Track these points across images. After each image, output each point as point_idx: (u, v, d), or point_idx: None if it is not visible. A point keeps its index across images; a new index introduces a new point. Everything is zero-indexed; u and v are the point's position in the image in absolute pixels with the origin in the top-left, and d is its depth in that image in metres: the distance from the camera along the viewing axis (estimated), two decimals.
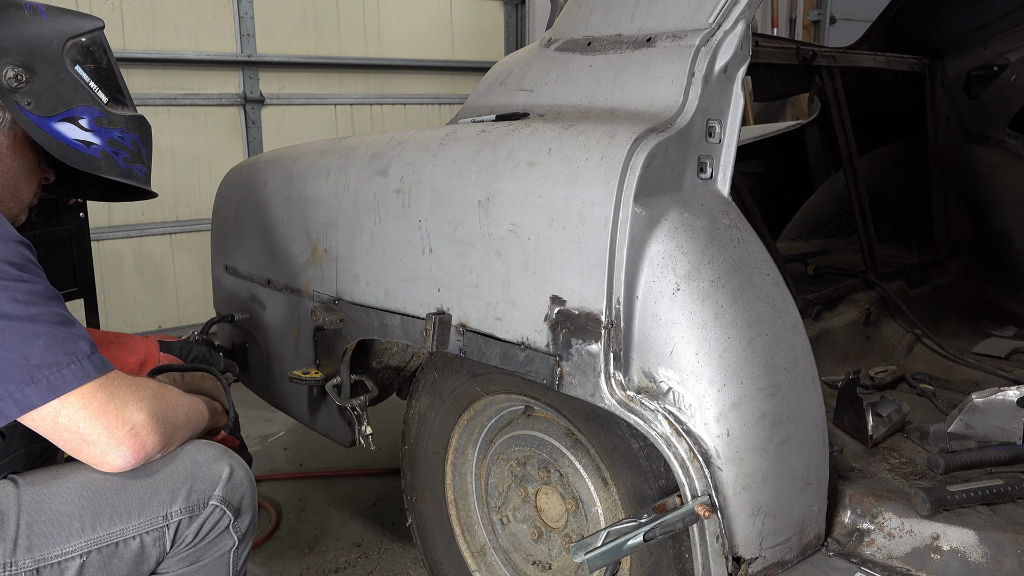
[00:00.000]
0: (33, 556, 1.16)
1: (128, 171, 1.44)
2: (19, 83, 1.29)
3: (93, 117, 1.38)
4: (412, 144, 1.63)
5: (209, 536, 1.30)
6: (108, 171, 1.40)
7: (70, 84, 1.36)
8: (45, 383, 1.09)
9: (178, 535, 1.27)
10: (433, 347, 1.52)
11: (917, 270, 2.38)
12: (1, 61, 1.28)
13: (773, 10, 6.91)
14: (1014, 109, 2.49)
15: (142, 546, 1.23)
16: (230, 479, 1.31)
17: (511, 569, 1.76)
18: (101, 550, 1.20)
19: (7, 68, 1.28)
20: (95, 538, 1.20)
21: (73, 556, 1.18)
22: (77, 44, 1.39)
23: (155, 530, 1.24)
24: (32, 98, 1.31)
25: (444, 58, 5.01)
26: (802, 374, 1.29)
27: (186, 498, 1.26)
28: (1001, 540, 1.25)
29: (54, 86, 1.34)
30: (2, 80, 1.28)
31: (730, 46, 1.34)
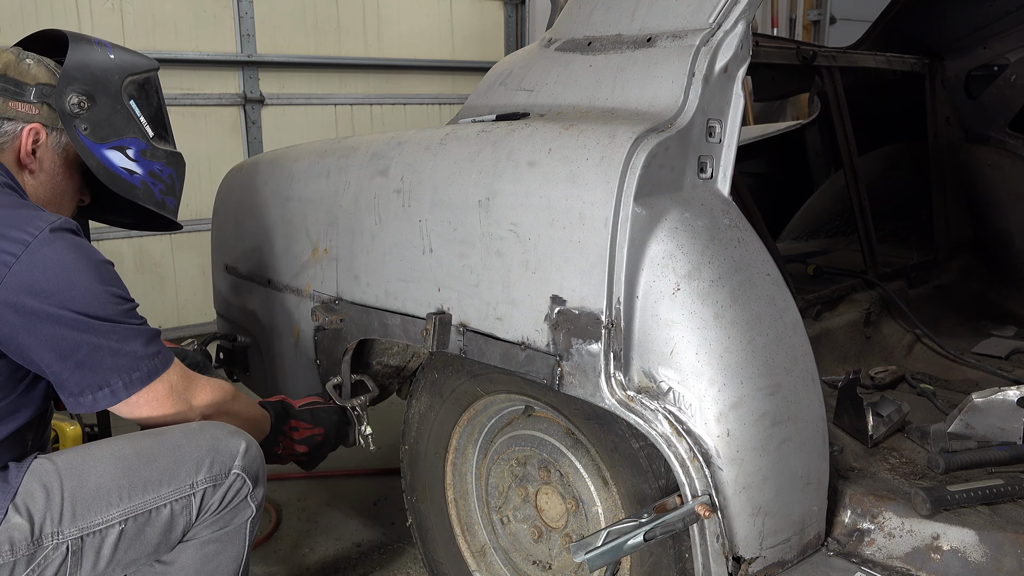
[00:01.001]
0: (78, 525, 1.26)
1: (162, 202, 1.58)
2: (80, 110, 1.44)
3: (139, 148, 1.53)
4: (412, 144, 1.63)
5: (232, 504, 1.41)
6: (145, 199, 1.54)
7: (124, 116, 1.51)
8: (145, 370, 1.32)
9: (204, 503, 1.37)
10: (433, 347, 1.52)
11: (917, 270, 2.38)
12: (68, 88, 1.43)
13: (773, 10, 6.91)
14: (1014, 109, 2.49)
15: (172, 514, 1.34)
16: (247, 452, 1.42)
17: (511, 569, 1.76)
18: (137, 518, 1.30)
19: (72, 95, 1.43)
20: (131, 506, 1.30)
21: (113, 524, 1.28)
22: (135, 81, 1.54)
23: (183, 498, 1.34)
24: (89, 124, 1.45)
25: (444, 58, 5.01)
26: (802, 374, 1.29)
27: (209, 468, 1.36)
28: (1001, 540, 1.26)
29: (110, 116, 1.48)
30: (66, 105, 1.42)
31: (730, 46, 1.34)
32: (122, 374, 1.29)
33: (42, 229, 1.25)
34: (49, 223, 1.26)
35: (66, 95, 1.43)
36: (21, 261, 1.22)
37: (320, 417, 1.76)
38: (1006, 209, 2.51)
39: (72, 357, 1.26)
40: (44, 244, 1.24)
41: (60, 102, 1.42)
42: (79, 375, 1.27)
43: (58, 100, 1.42)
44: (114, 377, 1.29)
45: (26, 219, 1.26)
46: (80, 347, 1.25)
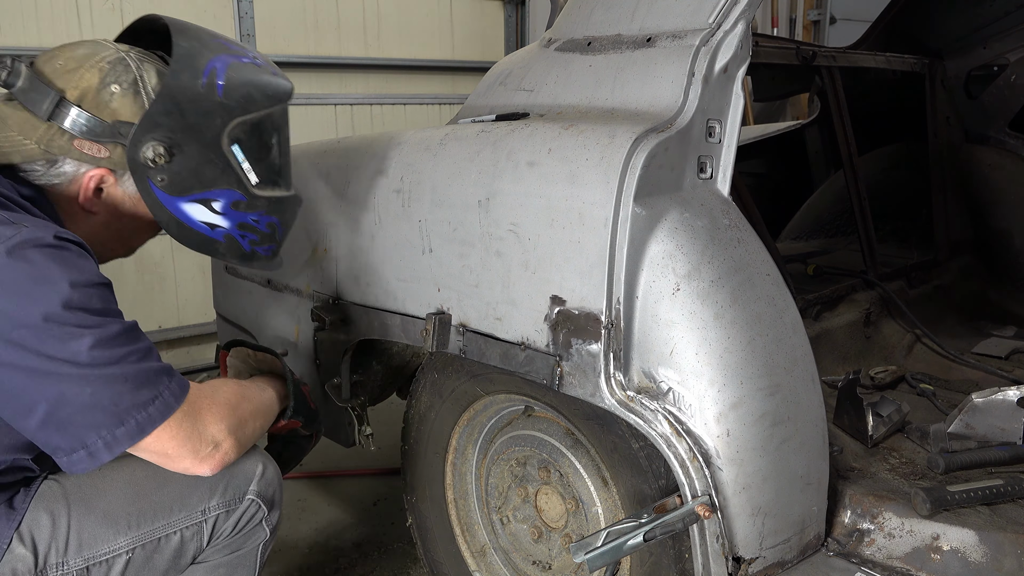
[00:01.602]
0: (83, 555, 1.19)
1: (251, 253, 1.36)
2: (156, 165, 1.20)
3: (231, 201, 1.28)
4: (412, 144, 1.63)
5: (246, 529, 1.35)
6: (226, 254, 1.33)
7: (218, 166, 1.25)
8: (134, 424, 1.09)
9: (216, 529, 1.31)
10: (433, 347, 1.52)
11: (917, 270, 2.38)
12: (147, 136, 1.18)
13: (773, 10, 6.91)
14: (1014, 109, 2.49)
15: (182, 540, 1.27)
16: (263, 475, 1.35)
17: (511, 569, 1.76)
18: (145, 546, 1.24)
19: (150, 146, 1.18)
20: (140, 534, 1.23)
21: (120, 553, 1.21)
22: (246, 123, 1.27)
23: (194, 524, 1.28)
24: (167, 176, 1.21)
25: (444, 58, 5.01)
26: (802, 374, 1.29)
27: (223, 493, 1.30)
28: (1001, 540, 1.25)
29: (198, 168, 1.23)
30: (140, 156, 1.19)
31: (730, 46, 1.34)
32: (102, 431, 1.07)
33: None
34: (4, 240, 1.03)
35: (143, 144, 1.18)
36: None
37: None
38: (1006, 209, 2.50)
39: (31, 415, 1.04)
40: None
41: (134, 151, 1.18)
42: (44, 435, 1.06)
43: (132, 148, 1.18)
44: (91, 436, 1.07)
45: None
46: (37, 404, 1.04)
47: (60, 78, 1.18)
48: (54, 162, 1.19)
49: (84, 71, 1.19)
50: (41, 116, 1.16)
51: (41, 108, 1.16)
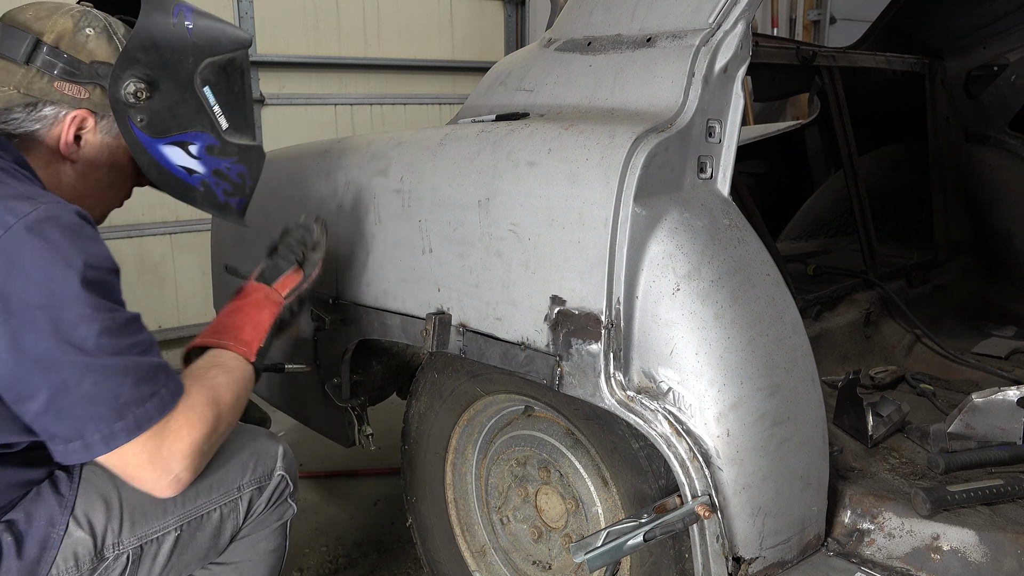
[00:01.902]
0: (136, 534, 1.23)
1: (224, 204, 1.36)
2: (137, 100, 1.20)
3: (205, 144, 1.30)
4: (412, 144, 1.63)
5: (278, 504, 1.41)
6: (203, 202, 1.33)
7: (192, 107, 1.27)
8: (132, 420, 1.07)
9: (252, 505, 1.36)
10: (433, 347, 1.52)
11: (917, 270, 2.38)
12: (126, 72, 1.19)
13: (773, 10, 6.91)
14: (1014, 109, 2.49)
15: (221, 518, 1.32)
16: (285, 455, 1.42)
17: (511, 569, 1.76)
18: (191, 523, 1.28)
19: (130, 82, 1.19)
20: (186, 512, 1.27)
21: (170, 530, 1.26)
22: (214, 64, 1.29)
23: (231, 501, 1.33)
24: (147, 116, 1.22)
25: (444, 58, 5.01)
26: (802, 374, 1.29)
27: (253, 470, 1.36)
28: (1001, 540, 1.25)
29: (174, 107, 1.25)
30: (121, 93, 1.19)
31: (730, 46, 1.34)
32: (100, 424, 1.05)
33: (10, 226, 1.00)
34: (23, 216, 1.01)
35: (122, 81, 1.18)
36: None
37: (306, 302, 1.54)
38: (1006, 209, 2.50)
39: (32, 401, 1.03)
40: (11, 246, 1.00)
41: (114, 89, 1.19)
42: (42, 422, 1.05)
43: (112, 86, 1.18)
44: (89, 427, 1.05)
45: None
46: (39, 391, 1.02)
47: (34, 24, 1.19)
48: (34, 106, 1.18)
49: (57, 17, 1.20)
50: (19, 60, 1.17)
51: (19, 52, 1.17)
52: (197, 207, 1.34)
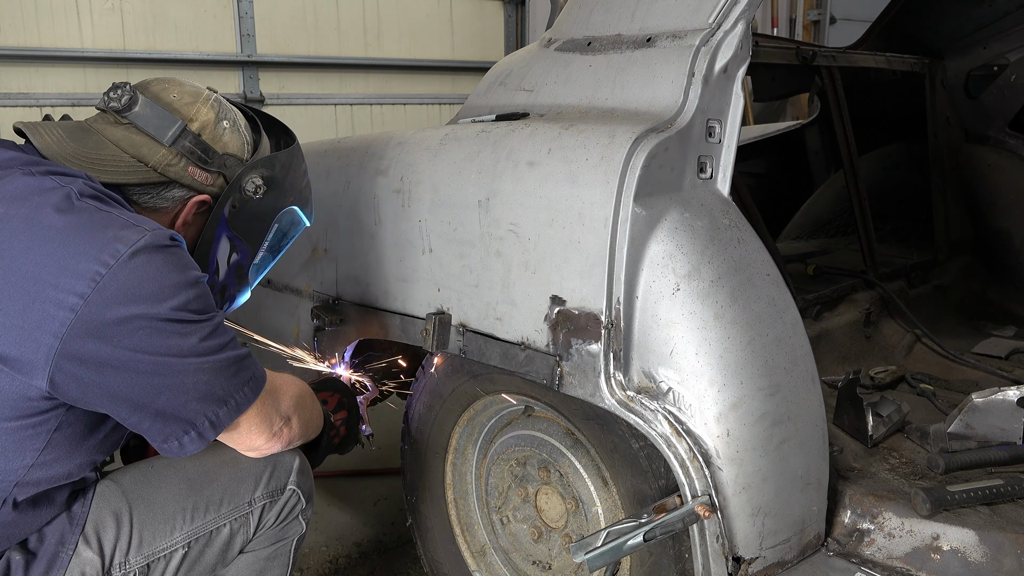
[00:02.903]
0: (143, 552, 1.23)
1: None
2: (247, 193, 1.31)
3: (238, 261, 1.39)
4: (412, 144, 1.63)
5: (287, 520, 1.40)
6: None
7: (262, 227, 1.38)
8: (234, 403, 1.17)
9: (262, 519, 1.35)
10: (433, 347, 1.52)
11: (917, 270, 2.38)
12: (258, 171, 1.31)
13: (773, 10, 6.91)
14: (1014, 109, 2.49)
15: (231, 532, 1.32)
16: (301, 468, 1.40)
17: (511, 569, 1.76)
18: (199, 539, 1.28)
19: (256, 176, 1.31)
20: (194, 528, 1.28)
21: (177, 548, 1.26)
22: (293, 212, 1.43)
23: (242, 516, 1.32)
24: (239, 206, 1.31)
25: (444, 58, 5.01)
26: (802, 374, 1.29)
27: (267, 483, 1.35)
28: (1001, 540, 1.25)
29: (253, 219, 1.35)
30: (244, 183, 1.29)
31: (730, 46, 1.34)
32: (208, 413, 1.14)
33: (121, 255, 1.05)
34: (132, 244, 1.06)
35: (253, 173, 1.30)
36: (90, 303, 1.02)
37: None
38: (1006, 209, 2.50)
39: (150, 406, 1.10)
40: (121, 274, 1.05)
41: (241, 177, 1.29)
42: (160, 424, 1.12)
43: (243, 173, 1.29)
44: (200, 418, 1.14)
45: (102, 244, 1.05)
46: (160, 394, 1.10)
47: (182, 109, 1.25)
48: (165, 185, 1.24)
49: (201, 105, 1.27)
50: (165, 141, 1.22)
51: (166, 134, 1.22)
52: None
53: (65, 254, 1.04)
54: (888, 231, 2.66)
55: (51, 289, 1.02)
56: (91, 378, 1.05)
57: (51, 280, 1.03)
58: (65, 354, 1.03)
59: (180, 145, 1.23)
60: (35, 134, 1.21)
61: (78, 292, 1.02)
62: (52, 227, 1.06)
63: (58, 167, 1.16)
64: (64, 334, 1.02)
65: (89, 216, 1.08)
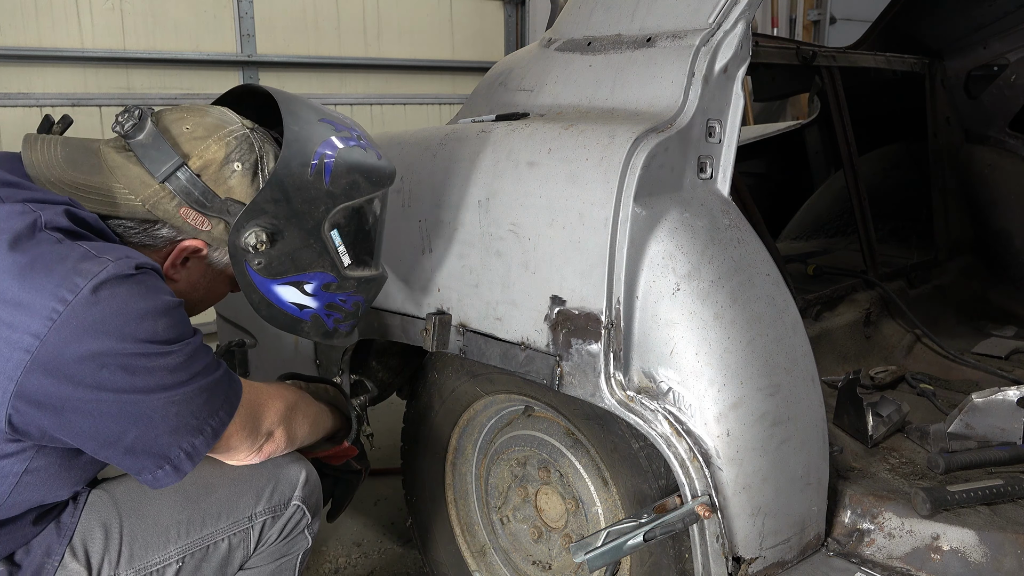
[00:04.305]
0: (134, 566, 1.18)
1: (333, 331, 1.33)
2: (256, 250, 1.17)
3: (322, 283, 1.26)
4: (412, 144, 1.63)
5: (291, 536, 1.34)
6: (310, 332, 1.30)
7: (315, 251, 1.23)
8: (210, 431, 1.11)
9: (263, 535, 1.30)
10: (433, 347, 1.52)
11: (917, 270, 2.38)
12: (251, 223, 1.15)
13: (773, 10, 6.91)
14: (1014, 109, 2.49)
15: (229, 548, 1.27)
16: (307, 481, 1.34)
17: (511, 569, 1.76)
18: (195, 554, 1.23)
19: (253, 232, 1.15)
20: (190, 542, 1.23)
21: (170, 562, 1.21)
22: (348, 208, 1.24)
23: (241, 531, 1.27)
24: (265, 260, 1.19)
25: (444, 58, 5.01)
26: (802, 374, 1.29)
27: (269, 498, 1.29)
28: (1001, 540, 1.25)
29: (296, 253, 1.21)
30: (241, 241, 1.16)
31: (730, 46, 1.34)
32: (183, 445, 1.08)
33: (79, 291, 0.98)
34: (92, 276, 0.99)
35: (246, 231, 1.15)
36: (46, 342, 0.96)
37: None
38: (1006, 209, 2.50)
39: (119, 444, 1.04)
40: (80, 312, 0.97)
41: (235, 236, 1.15)
42: (131, 459, 1.06)
43: (234, 234, 1.15)
44: (174, 451, 1.07)
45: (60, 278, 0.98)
46: (127, 432, 1.03)
47: (186, 143, 1.15)
48: (153, 223, 1.15)
49: (212, 142, 1.16)
50: (156, 176, 1.13)
51: (159, 169, 1.12)
52: (303, 336, 1.32)
53: (20, 290, 0.97)
54: (888, 231, 2.66)
55: (5, 329, 0.96)
56: (51, 420, 0.99)
57: (5, 319, 0.96)
58: (21, 396, 0.97)
59: (174, 183, 1.13)
60: (30, 150, 1.14)
61: (33, 332, 0.95)
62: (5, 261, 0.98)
63: (39, 192, 1.08)
64: (19, 376, 0.96)
65: (47, 248, 1.00)
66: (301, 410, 1.33)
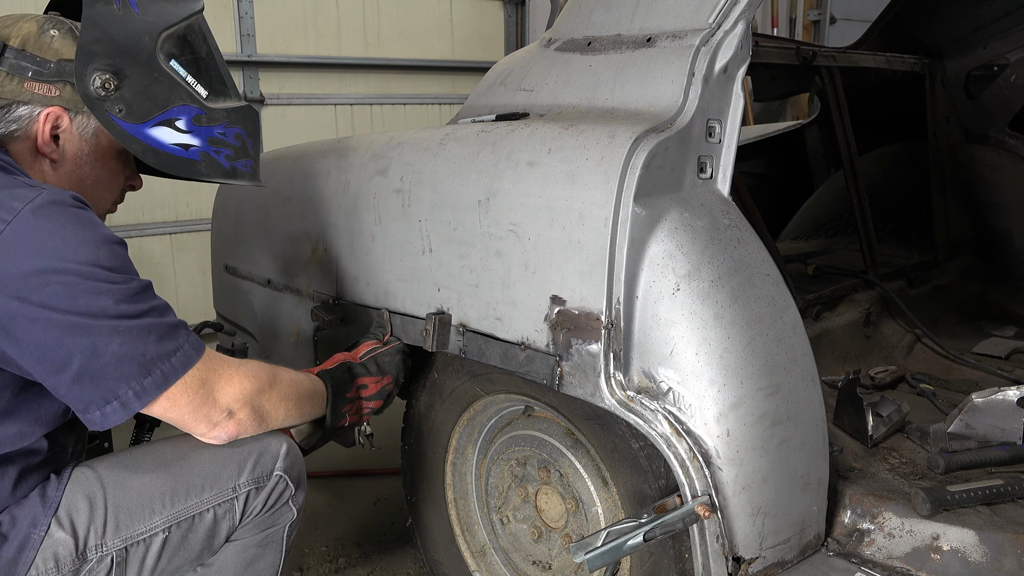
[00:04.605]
0: (121, 535, 1.21)
1: (232, 170, 1.36)
2: (108, 91, 1.21)
3: (191, 116, 1.29)
4: (412, 144, 1.63)
5: (276, 506, 1.36)
6: (210, 173, 1.34)
7: (165, 83, 1.26)
8: (159, 373, 1.13)
9: (247, 506, 1.32)
10: (433, 347, 1.52)
11: (917, 270, 2.38)
12: (88, 67, 1.20)
13: (773, 10, 6.91)
14: (1014, 109, 2.49)
15: (215, 518, 1.29)
16: (288, 453, 1.36)
17: (511, 569, 1.76)
18: (180, 524, 1.26)
19: (95, 76, 1.20)
20: (175, 512, 1.25)
21: (157, 532, 1.23)
22: (172, 36, 1.28)
23: (226, 502, 1.30)
24: (123, 104, 1.22)
25: (444, 58, 5.01)
26: (802, 374, 1.29)
27: (252, 470, 1.31)
28: (1001, 540, 1.25)
29: (147, 88, 1.25)
30: (90, 89, 1.20)
31: (730, 46, 1.34)
32: (131, 382, 1.10)
33: (17, 212, 1.05)
34: (29, 201, 1.06)
35: (88, 77, 1.19)
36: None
37: (386, 363, 1.57)
38: (1006, 209, 2.51)
39: (66, 370, 1.07)
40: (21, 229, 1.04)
41: (83, 86, 1.20)
42: (78, 389, 1.09)
43: (80, 84, 1.20)
44: (122, 387, 1.10)
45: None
46: (73, 357, 1.07)
47: (1, 31, 1.22)
48: (7, 108, 1.21)
49: (22, 23, 1.23)
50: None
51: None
52: (207, 180, 1.35)
53: None
54: (888, 231, 2.66)
55: None
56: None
57: None
58: None
59: (6, 64, 1.19)
60: None
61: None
62: None
63: None
64: None
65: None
66: (278, 391, 1.32)
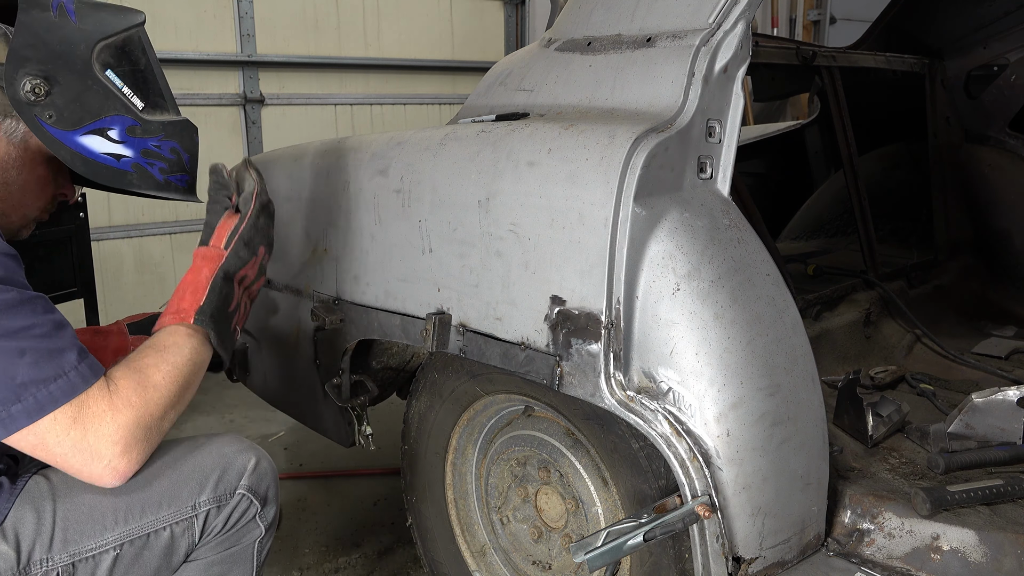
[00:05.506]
0: (68, 551, 1.16)
1: (165, 183, 1.33)
2: (38, 96, 1.19)
3: (125, 127, 1.27)
4: (412, 144, 1.63)
5: (237, 525, 1.31)
6: (141, 185, 1.30)
7: (99, 92, 1.25)
8: (32, 401, 1.05)
9: (207, 525, 1.28)
10: (433, 347, 1.52)
11: (917, 270, 2.38)
12: (20, 72, 1.17)
13: (773, 10, 6.91)
14: (1014, 109, 2.49)
15: (172, 537, 1.24)
16: (256, 469, 1.32)
17: (511, 569, 1.76)
18: (134, 542, 1.21)
19: (25, 80, 1.17)
20: (128, 530, 1.20)
21: (107, 549, 1.19)
22: (110, 46, 1.27)
23: (184, 520, 1.25)
24: (54, 111, 1.20)
25: (444, 58, 5.01)
26: (802, 374, 1.29)
27: (214, 488, 1.27)
28: (1001, 540, 1.25)
29: (80, 96, 1.23)
30: (20, 93, 1.17)
31: (730, 46, 1.34)
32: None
33: None
34: None
35: (18, 82, 1.17)
36: None
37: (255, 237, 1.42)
38: (1006, 209, 2.51)
39: None
40: None
41: (12, 91, 1.17)
42: None
43: (9, 88, 1.17)
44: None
45: None
46: None
47: None
48: None
49: None
50: None
51: None
52: (137, 192, 1.31)
53: None
54: (888, 231, 2.66)
55: None
56: None
57: None
58: None
59: None
60: None
61: None
62: None
63: None
64: None
65: None
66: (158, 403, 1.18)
